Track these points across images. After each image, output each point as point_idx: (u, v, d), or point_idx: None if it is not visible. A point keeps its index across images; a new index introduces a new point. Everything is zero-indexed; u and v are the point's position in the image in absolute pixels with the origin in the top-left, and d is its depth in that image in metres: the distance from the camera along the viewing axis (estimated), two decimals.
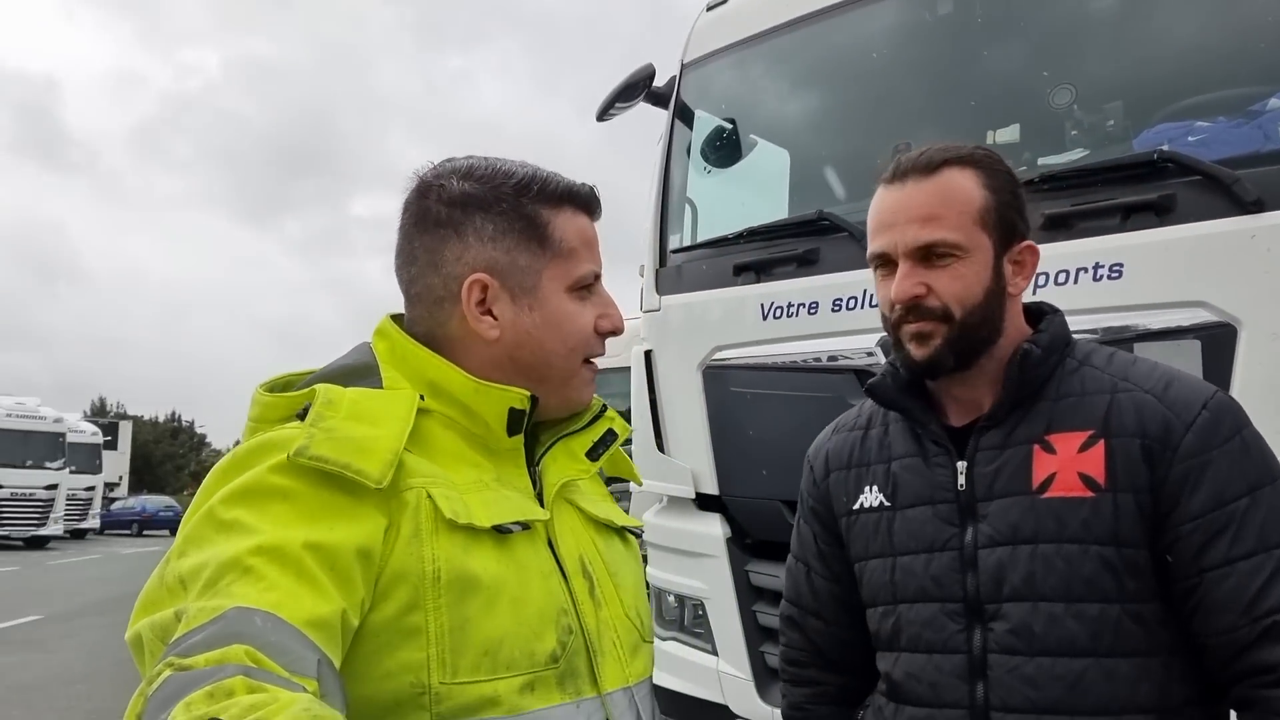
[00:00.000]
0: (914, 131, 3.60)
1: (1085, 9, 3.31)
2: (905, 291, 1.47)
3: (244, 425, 1.20)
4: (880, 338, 3.19)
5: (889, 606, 1.58)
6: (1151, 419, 1.40)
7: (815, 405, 3.34)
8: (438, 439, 1.20)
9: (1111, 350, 1.54)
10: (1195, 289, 2.71)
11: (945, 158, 1.51)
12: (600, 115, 4.28)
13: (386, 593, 1.05)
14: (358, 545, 1.03)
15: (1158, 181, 2.79)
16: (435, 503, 1.11)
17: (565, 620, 1.18)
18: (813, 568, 1.76)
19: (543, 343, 1.26)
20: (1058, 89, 3.22)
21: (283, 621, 0.91)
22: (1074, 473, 1.42)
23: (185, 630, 0.90)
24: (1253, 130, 2.78)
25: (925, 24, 3.61)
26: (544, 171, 1.30)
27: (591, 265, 1.30)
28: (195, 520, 1.03)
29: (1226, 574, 1.34)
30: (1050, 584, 1.41)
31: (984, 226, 1.49)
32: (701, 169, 4.23)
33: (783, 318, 3.47)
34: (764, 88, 4.20)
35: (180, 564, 0.99)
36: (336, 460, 1.05)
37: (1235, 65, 2.98)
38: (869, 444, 1.67)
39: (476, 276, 1.24)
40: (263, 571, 0.95)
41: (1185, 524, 1.37)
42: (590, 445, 1.37)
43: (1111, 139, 3.13)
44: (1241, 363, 2.61)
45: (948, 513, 1.51)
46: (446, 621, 1.07)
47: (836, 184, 3.90)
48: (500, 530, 1.14)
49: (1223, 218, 2.68)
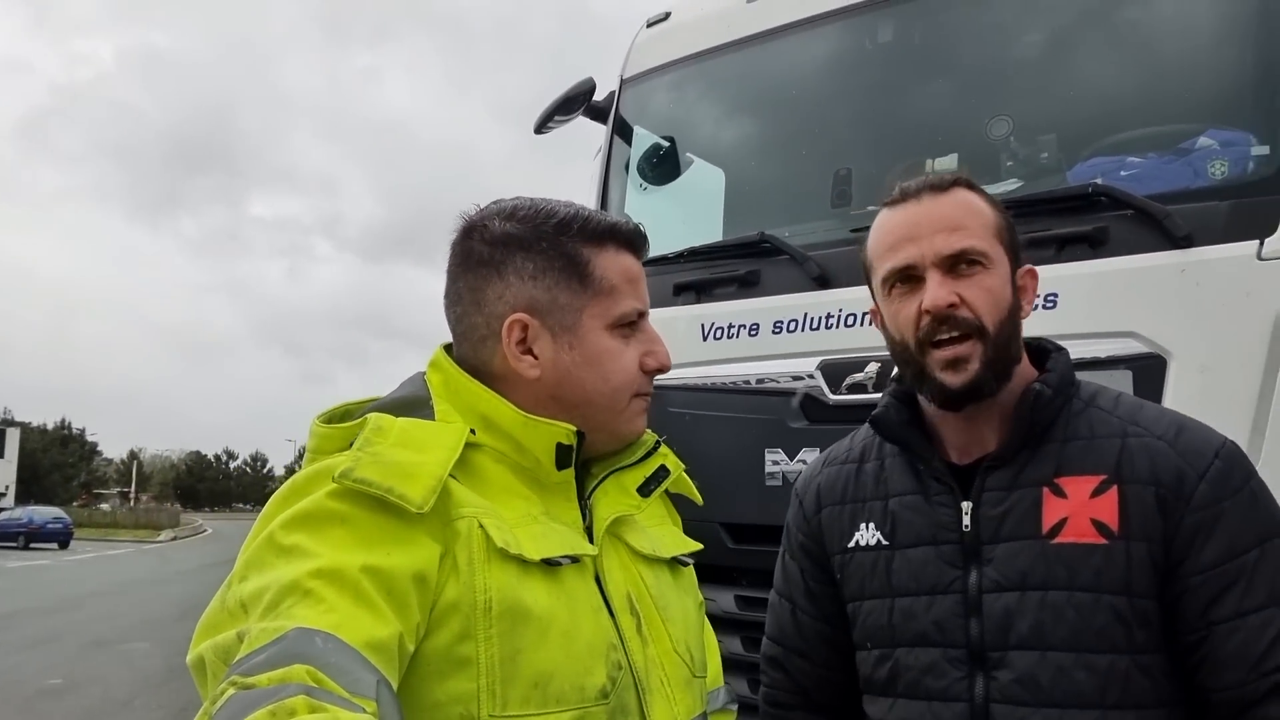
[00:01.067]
0: (852, 158, 3.65)
1: (1022, 43, 3.39)
2: (942, 299, 1.41)
3: (293, 450, 1.19)
4: (821, 360, 3.21)
5: (886, 650, 1.52)
6: (1165, 467, 1.37)
7: (755, 427, 3.34)
8: (488, 472, 1.21)
9: (1117, 392, 1.52)
10: (1127, 320, 2.78)
11: (954, 179, 1.50)
12: (538, 128, 4.24)
13: (440, 621, 1.07)
14: (414, 571, 1.04)
15: (1092, 214, 2.87)
16: (487, 532, 1.11)
17: (615, 656, 1.18)
18: (799, 605, 1.70)
19: (583, 381, 1.27)
20: (995, 120, 3.29)
21: (343, 643, 0.93)
22: (1086, 518, 1.38)
23: (248, 651, 0.91)
24: (1183, 167, 2.87)
25: (865, 51, 3.66)
26: (587, 210, 1.31)
27: (635, 303, 1.30)
28: (256, 546, 1.06)
29: (1236, 628, 1.32)
30: (1060, 634, 1.36)
31: (1002, 242, 1.48)
32: (638, 185, 4.21)
33: (723, 338, 3.46)
34: (703, 107, 4.20)
35: (242, 588, 1.01)
36: (380, 484, 1.06)
37: (1166, 103, 3.09)
38: (864, 479, 1.62)
39: (516, 316, 1.26)
40: (322, 594, 0.97)
41: (1195, 575, 1.34)
42: (642, 480, 1.37)
43: (1046, 171, 3.21)
44: (1170, 393, 2.68)
45: (951, 554, 1.46)
46: (498, 652, 1.07)
47: (773, 206, 3.91)
48: (549, 563, 1.14)
49: (1154, 251, 2.77)
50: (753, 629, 3.31)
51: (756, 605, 3.32)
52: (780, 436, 3.28)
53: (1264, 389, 2.58)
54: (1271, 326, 2.59)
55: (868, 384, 3.11)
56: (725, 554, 3.36)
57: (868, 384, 3.11)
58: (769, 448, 3.30)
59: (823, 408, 3.21)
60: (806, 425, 3.25)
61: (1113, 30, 3.23)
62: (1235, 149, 2.83)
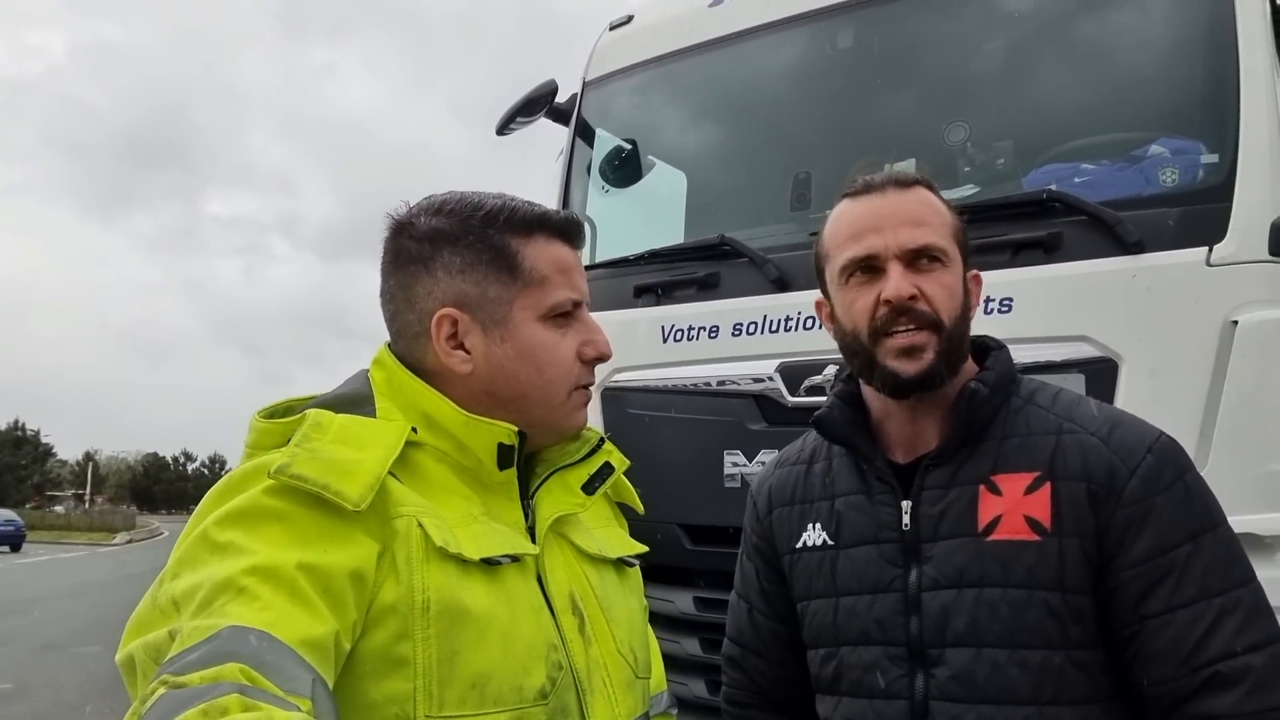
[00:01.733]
0: (812, 162, 3.67)
1: (980, 51, 3.43)
2: (904, 290, 1.42)
3: (241, 451, 1.19)
4: (780, 363, 3.22)
5: (831, 649, 1.53)
6: (1097, 463, 1.38)
7: (714, 429, 3.35)
8: (429, 471, 1.20)
9: (1057, 389, 1.53)
10: (1079, 324, 2.82)
11: (916, 178, 1.52)
12: (500, 129, 4.22)
13: (377, 620, 1.05)
14: (351, 568, 1.03)
15: (1046, 220, 2.91)
16: (426, 531, 1.09)
17: (555, 656, 1.16)
18: (755, 606, 1.71)
19: (517, 374, 1.25)
20: (952, 126, 3.32)
21: (277, 641, 0.91)
22: (1020, 515, 1.39)
23: (180, 649, 0.89)
24: (1135, 174, 2.92)
25: (825, 57, 3.68)
26: (516, 201, 1.29)
27: (568, 293, 1.28)
28: (189, 542, 1.03)
29: (1167, 622, 1.32)
30: (995, 630, 1.37)
31: (957, 242, 1.49)
32: (600, 188, 4.21)
33: (683, 340, 3.47)
34: (665, 110, 4.21)
35: (174, 585, 0.99)
36: (316, 480, 1.04)
37: (1119, 111, 3.14)
38: (813, 479, 1.63)
39: (444, 311, 1.25)
40: (257, 591, 0.95)
41: (1127, 570, 1.35)
42: (586, 479, 1.36)
43: (1001, 177, 3.25)
44: (1122, 396, 2.73)
45: (892, 553, 1.47)
46: (435, 652, 1.06)
47: (734, 209, 3.92)
48: (489, 563, 1.13)
49: (1107, 257, 2.81)
50: (711, 630, 3.32)
51: (715, 606, 3.33)
52: (739, 438, 3.29)
53: (1212, 392, 2.63)
54: (1219, 331, 2.64)
55: (826, 386, 3.13)
56: (684, 555, 3.37)
57: (826, 386, 3.13)
58: (728, 449, 3.31)
59: (781, 410, 3.23)
60: (765, 427, 3.26)
61: (1068, 40, 3.28)
62: (1186, 157, 2.88)
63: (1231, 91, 2.82)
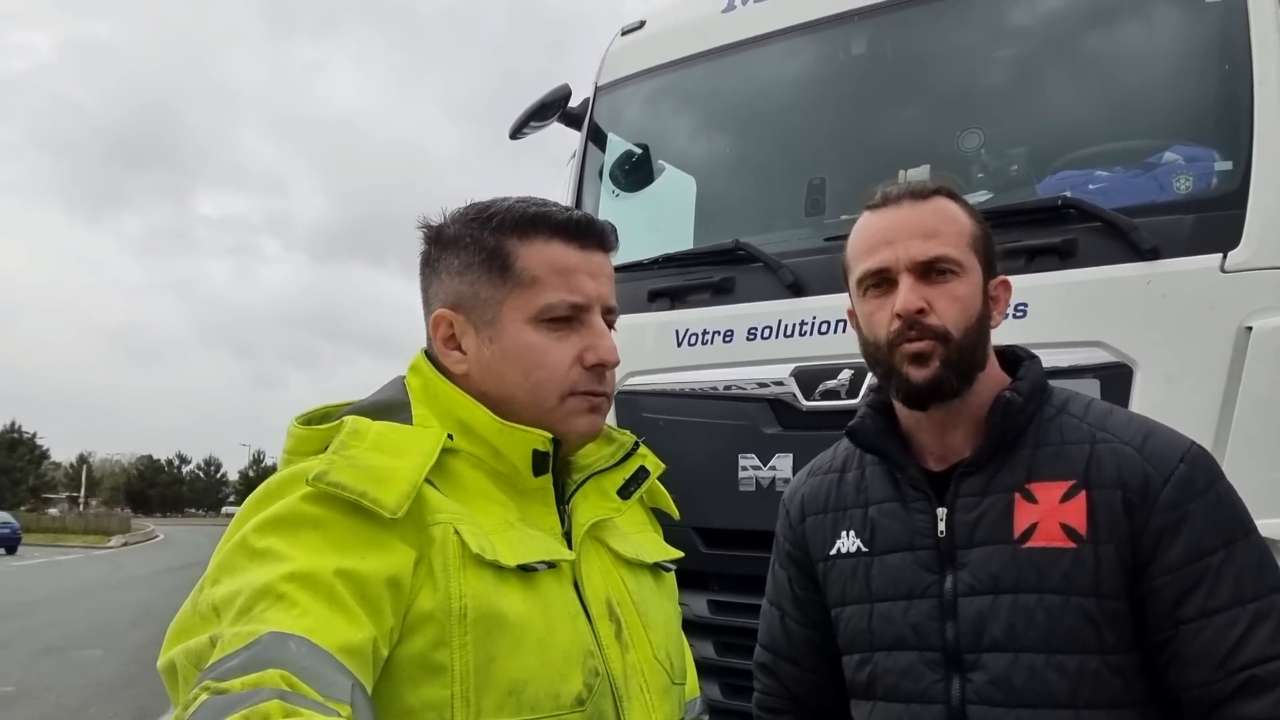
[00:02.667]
0: (825, 168, 3.69)
1: (993, 58, 3.45)
2: (911, 304, 1.46)
3: (280, 457, 1.21)
4: (795, 367, 3.24)
5: (865, 654, 1.55)
6: (1131, 472, 1.41)
7: (728, 433, 3.36)
8: (465, 478, 1.20)
9: (1089, 399, 1.56)
10: (1094, 330, 2.85)
11: (936, 187, 1.55)
12: (513, 134, 4.24)
13: (414, 627, 1.05)
14: (388, 575, 1.03)
15: (1061, 226, 2.93)
16: (462, 538, 1.10)
17: (591, 663, 1.17)
18: (787, 613, 1.73)
19: (503, 376, 1.25)
20: (966, 133, 3.34)
21: (317, 647, 0.92)
22: (1056, 523, 1.41)
23: (221, 655, 0.90)
24: (1149, 181, 2.95)
25: (839, 63, 3.70)
26: (524, 201, 1.28)
27: (563, 295, 1.25)
28: (228, 549, 1.04)
29: (1202, 627, 1.35)
30: (1031, 636, 1.40)
31: (975, 251, 1.51)
32: (611, 192, 4.23)
33: (698, 345, 3.48)
34: (677, 115, 4.23)
35: (214, 591, 1.00)
36: (354, 488, 1.05)
37: (1133, 118, 3.16)
38: (845, 487, 1.65)
39: (440, 312, 1.27)
40: (296, 598, 0.96)
41: (1162, 576, 1.38)
42: (622, 483, 1.36)
43: (1016, 183, 3.27)
44: (1136, 402, 2.74)
45: (927, 559, 1.50)
46: (472, 659, 1.06)
47: (746, 214, 3.94)
48: (525, 569, 1.13)
49: (1121, 263, 2.83)
50: (725, 634, 3.33)
51: (729, 610, 3.35)
52: (754, 442, 3.31)
53: (1226, 398, 2.65)
54: (1234, 337, 2.66)
55: (841, 391, 3.15)
56: (698, 559, 3.38)
57: (841, 391, 3.15)
58: (742, 453, 3.32)
59: (796, 414, 3.24)
60: (780, 431, 3.28)
61: (1082, 47, 3.30)
62: (1200, 164, 2.91)
63: (1245, 99, 2.84)
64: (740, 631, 3.27)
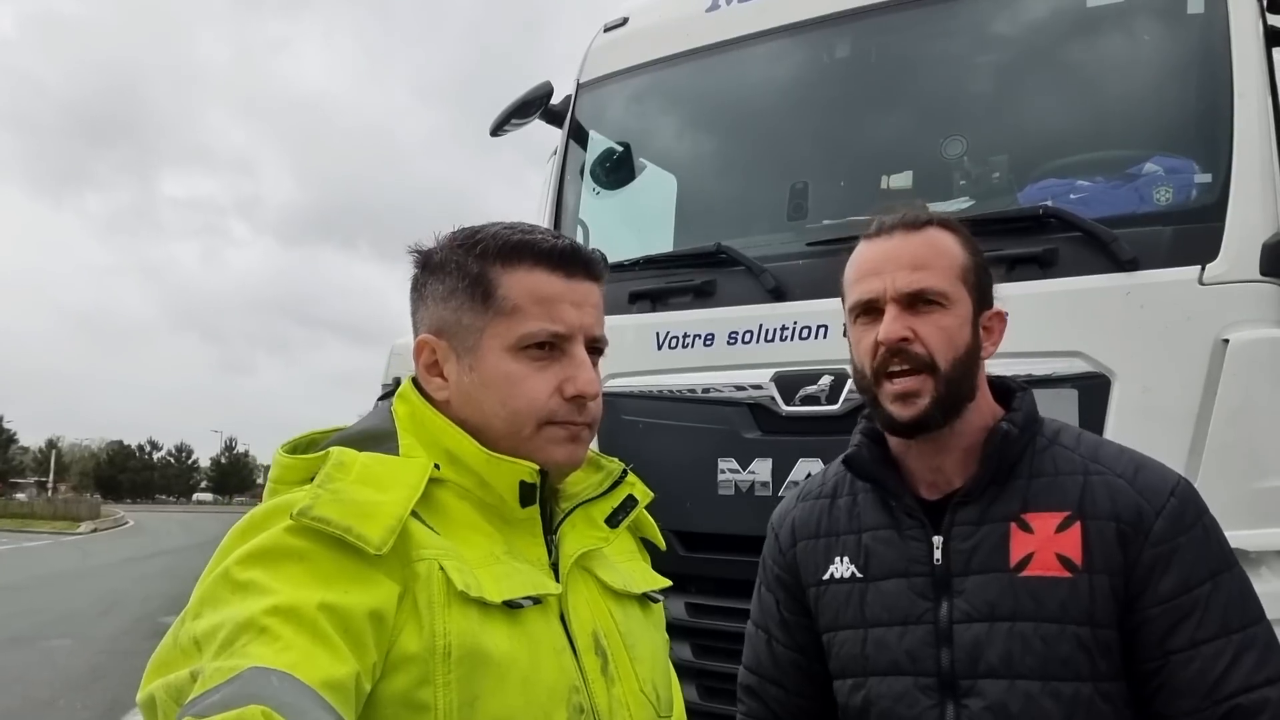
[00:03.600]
0: (806, 171, 3.69)
1: (977, 65, 3.46)
2: (895, 333, 1.48)
3: (266, 486, 1.20)
4: (775, 372, 3.24)
5: (859, 679, 1.57)
6: (1125, 504, 1.45)
7: (708, 436, 3.36)
8: (451, 509, 1.19)
9: (1078, 430, 1.59)
10: (1073, 340, 2.86)
11: (929, 218, 1.56)
12: (494, 130, 4.21)
13: (397, 665, 1.05)
14: (371, 609, 1.03)
15: (1042, 235, 2.94)
16: (447, 575, 1.09)
17: (576, 699, 1.16)
18: (774, 636, 1.74)
19: (481, 404, 1.24)
20: (949, 139, 3.35)
21: (299, 682, 0.91)
22: (1052, 553, 1.44)
23: (201, 690, 0.90)
24: (1129, 192, 2.97)
25: (822, 66, 3.70)
26: (511, 228, 1.27)
27: (544, 324, 1.23)
28: (210, 581, 1.03)
29: (1192, 657, 1.39)
30: (1028, 663, 1.42)
31: (965, 284, 1.53)
32: (592, 190, 4.21)
33: (678, 348, 3.47)
34: (659, 114, 4.21)
35: (195, 625, 0.99)
36: (339, 523, 1.05)
37: (1114, 129, 3.18)
38: (837, 513, 1.67)
39: (423, 338, 1.27)
40: (278, 632, 0.95)
41: (1154, 607, 1.41)
42: (610, 512, 1.35)
43: (997, 191, 3.29)
44: (1114, 412, 2.77)
45: (923, 586, 1.52)
46: (456, 698, 1.06)
47: (728, 216, 3.94)
48: (511, 605, 1.12)
49: (1101, 273, 2.85)
50: (703, 636, 3.34)
51: (707, 613, 3.35)
52: (733, 446, 3.31)
53: (1202, 410, 2.68)
54: (1211, 349, 2.68)
55: (821, 396, 3.16)
56: (676, 561, 3.37)
57: (821, 396, 3.16)
58: (722, 457, 3.32)
59: (776, 419, 3.24)
60: (759, 436, 3.28)
61: (1065, 57, 3.32)
62: (1180, 176, 2.93)
63: (1225, 112, 2.87)
64: (717, 635, 3.28)
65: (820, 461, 3.16)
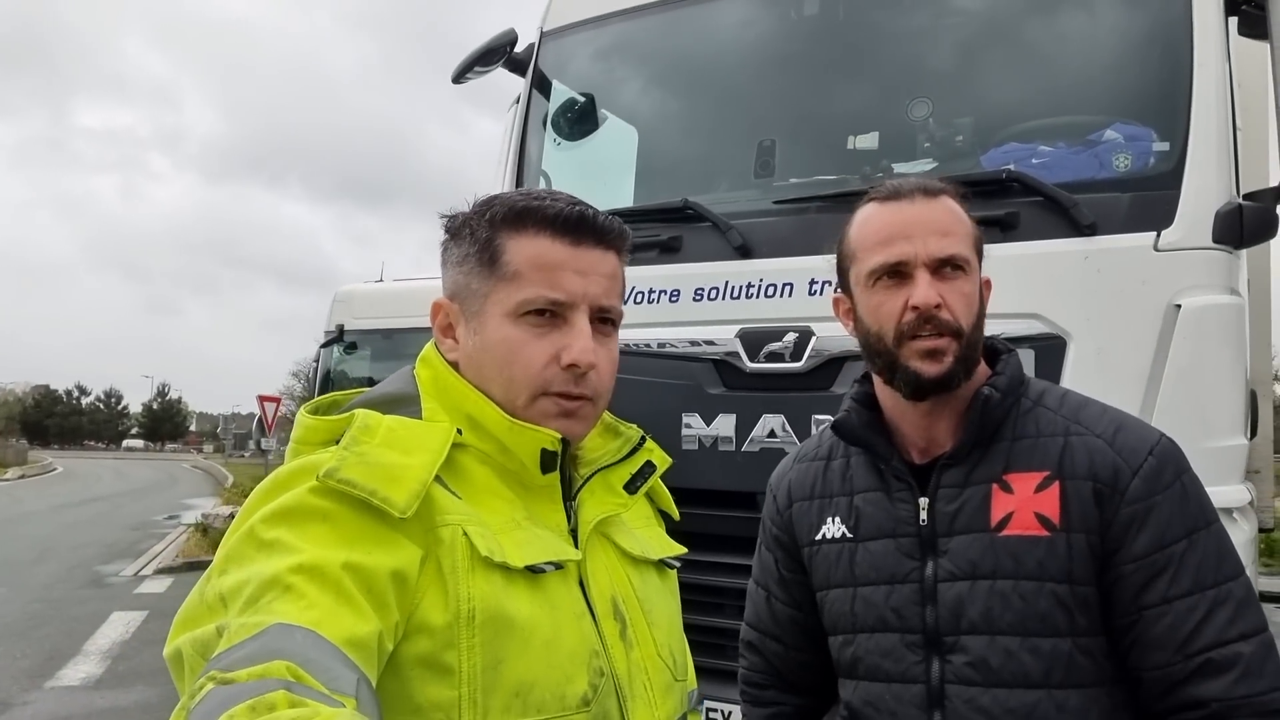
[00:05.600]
0: (771, 129, 3.69)
1: (945, 26, 3.48)
2: (931, 299, 1.49)
3: (289, 446, 1.21)
4: (741, 329, 3.27)
5: (849, 635, 1.62)
6: (1102, 464, 1.48)
7: (673, 392, 3.39)
8: (472, 473, 1.20)
9: (1063, 391, 1.63)
10: (1032, 302, 2.93)
11: (942, 187, 1.58)
12: (457, 78, 4.14)
13: (421, 628, 1.06)
14: (393, 569, 1.04)
15: (1005, 199, 3.00)
16: (471, 540, 1.10)
17: (596, 663, 1.17)
18: (773, 593, 1.79)
19: (482, 367, 1.25)
20: (915, 101, 3.38)
21: (323, 639, 0.93)
22: (1030, 512, 1.49)
23: (227, 646, 0.91)
24: (1090, 158, 3.03)
25: (790, 23, 3.69)
26: (525, 194, 1.26)
27: (542, 291, 1.21)
28: (236, 539, 1.04)
29: (1164, 612, 1.42)
30: (1007, 619, 1.47)
31: (977, 251, 1.57)
32: (554, 141, 4.17)
33: (643, 303, 3.49)
34: (625, 67, 4.17)
35: (221, 581, 1.01)
36: (364, 485, 1.06)
37: (1077, 94, 3.24)
38: (831, 475, 1.71)
39: (438, 300, 1.30)
40: (303, 590, 0.96)
41: (1128, 564, 1.45)
42: (628, 478, 1.36)
43: (961, 154, 3.33)
44: (1070, 373, 2.85)
45: (909, 546, 1.56)
46: (480, 661, 1.07)
47: (695, 172, 3.93)
48: (532, 570, 1.14)
49: (1061, 238, 2.92)
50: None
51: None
52: (698, 402, 3.35)
53: (1154, 372, 2.77)
54: (1163, 313, 2.77)
55: (785, 353, 3.20)
56: None
57: (785, 353, 3.20)
58: (686, 412, 3.36)
59: (740, 375, 3.29)
60: (724, 392, 3.32)
61: (1031, 22, 3.35)
62: (1139, 144, 3.00)
63: (1184, 82, 2.93)
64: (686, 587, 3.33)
65: (784, 418, 3.21)
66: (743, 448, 3.26)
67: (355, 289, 12.10)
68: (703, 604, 3.13)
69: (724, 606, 3.18)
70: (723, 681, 2.79)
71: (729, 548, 3.13)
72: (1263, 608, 1.48)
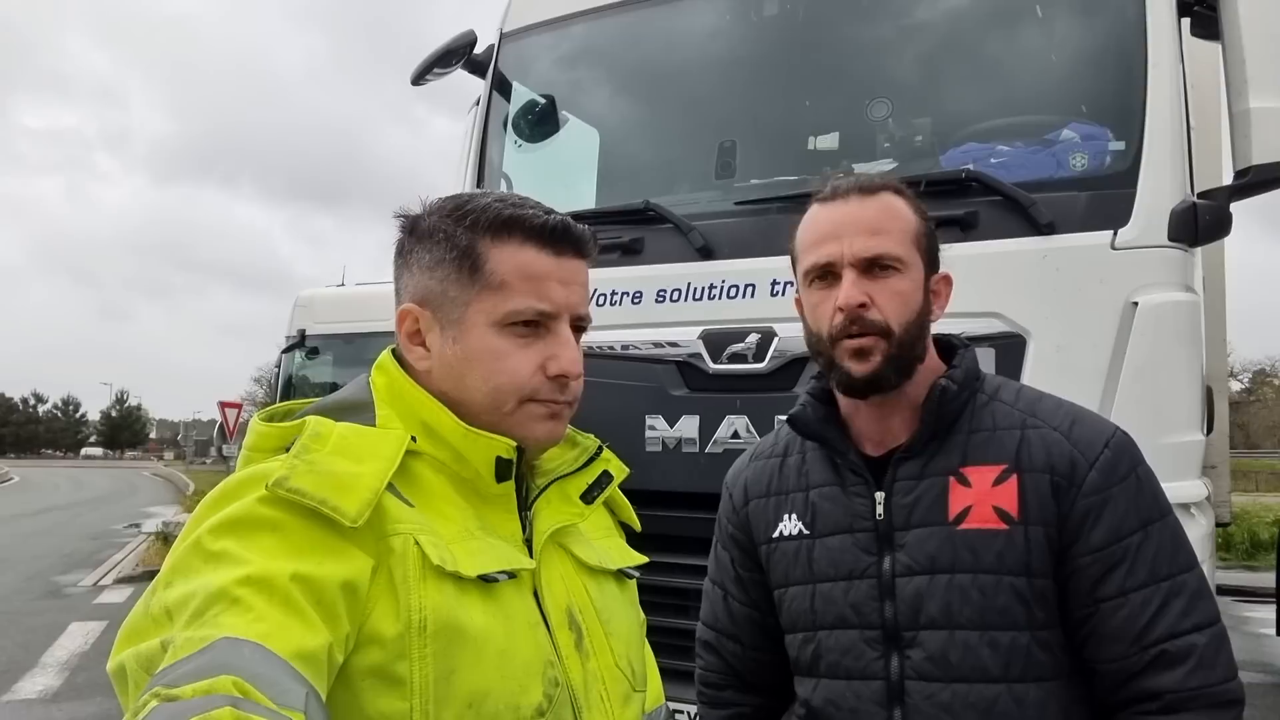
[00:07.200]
0: (731, 130, 3.69)
1: (904, 27, 3.50)
2: (854, 299, 1.50)
3: (240, 454, 1.18)
4: (703, 330, 3.27)
5: (809, 633, 1.61)
6: (1059, 456, 1.48)
7: (636, 393, 3.38)
8: (426, 481, 1.18)
9: (1018, 386, 1.63)
10: (991, 301, 2.95)
11: (883, 184, 1.58)
12: (416, 80, 4.10)
13: (372, 639, 1.04)
14: (344, 580, 1.02)
15: (964, 199, 3.01)
16: (423, 549, 1.08)
17: (551, 673, 1.16)
18: (730, 593, 1.77)
19: (463, 377, 1.23)
20: (875, 102, 3.39)
21: (271, 653, 0.90)
22: (989, 506, 1.48)
23: (172, 660, 0.88)
24: (1047, 157, 3.05)
25: (750, 24, 3.69)
26: (503, 201, 1.24)
27: (530, 302, 1.21)
28: (183, 550, 1.01)
29: (1120, 605, 1.43)
30: (966, 613, 1.46)
31: (918, 248, 1.56)
32: (514, 144, 4.14)
33: (606, 305, 3.47)
34: (585, 68, 4.16)
35: (167, 594, 0.98)
36: (314, 494, 1.03)
37: (1034, 94, 3.27)
38: (787, 472, 1.69)
39: (407, 306, 1.25)
40: (251, 602, 0.94)
41: (1085, 556, 1.45)
42: (585, 487, 1.34)
43: (920, 153, 3.34)
44: (1029, 370, 2.88)
45: (866, 541, 1.55)
46: (431, 672, 1.05)
47: (655, 174, 3.92)
48: (485, 579, 1.12)
49: (1019, 237, 2.94)
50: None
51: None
52: (661, 403, 3.34)
53: (1112, 368, 2.80)
54: (1121, 311, 2.80)
55: (748, 354, 3.20)
56: None
57: (748, 354, 3.20)
58: (649, 414, 3.35)
59: (703, 376, 3.28)
60: (687, 393, 3.32)
61: (988, 23, 3.38)
62: (1095, 143, 3.03)
63: (1139, 81, 2.97)
64: (645, 589, 3.32)
65: (747, 419, 3.21)
66: (706, 449, 3.25)
67: (316, 293, 11.98)
68: (667, 606, 3.12)
69: (689, 608, 3.17)
70: (689, 683, 2.79)
71: (693, 549, 3.11)
72: (1216, 600, 1.49)
